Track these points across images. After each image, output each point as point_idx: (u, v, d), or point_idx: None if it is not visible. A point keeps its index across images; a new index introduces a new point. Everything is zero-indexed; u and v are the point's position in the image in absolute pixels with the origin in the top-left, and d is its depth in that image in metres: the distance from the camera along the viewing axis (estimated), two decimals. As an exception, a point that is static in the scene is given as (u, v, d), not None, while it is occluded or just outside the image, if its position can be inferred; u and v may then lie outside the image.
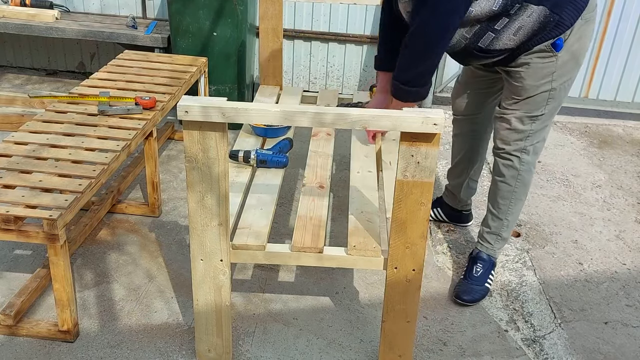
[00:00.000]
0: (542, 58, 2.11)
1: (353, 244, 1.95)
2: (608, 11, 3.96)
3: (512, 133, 2.26)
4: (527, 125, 2.24)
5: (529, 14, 2.01)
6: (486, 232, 2.49)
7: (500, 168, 2.35)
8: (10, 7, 4.01)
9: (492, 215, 2.45)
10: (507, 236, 2.49)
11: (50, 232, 1.92)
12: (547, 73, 2.13)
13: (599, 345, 2.27)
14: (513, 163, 2.32)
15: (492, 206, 2.44)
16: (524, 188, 2.38)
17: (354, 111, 1.68)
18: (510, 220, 2.44)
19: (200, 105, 1.66)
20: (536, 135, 2.27)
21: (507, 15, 2.02)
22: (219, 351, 2.06)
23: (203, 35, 3.52)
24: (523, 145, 2.28)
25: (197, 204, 1.81)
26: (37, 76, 4.48)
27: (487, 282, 2.47)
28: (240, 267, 2.57)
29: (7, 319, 2.12)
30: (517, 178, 2.34)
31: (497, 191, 2.39)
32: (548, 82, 2.15)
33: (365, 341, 2.22)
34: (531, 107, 2.20)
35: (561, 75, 2.15)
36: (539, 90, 2.17)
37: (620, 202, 3.23)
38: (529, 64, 2.13)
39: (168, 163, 3.37)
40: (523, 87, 2.18)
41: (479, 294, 2.43)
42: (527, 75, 2.15)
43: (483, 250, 2.50)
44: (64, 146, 2.32)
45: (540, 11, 2.01)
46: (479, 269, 2.47)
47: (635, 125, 4.16)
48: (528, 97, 2.19)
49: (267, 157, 2.33)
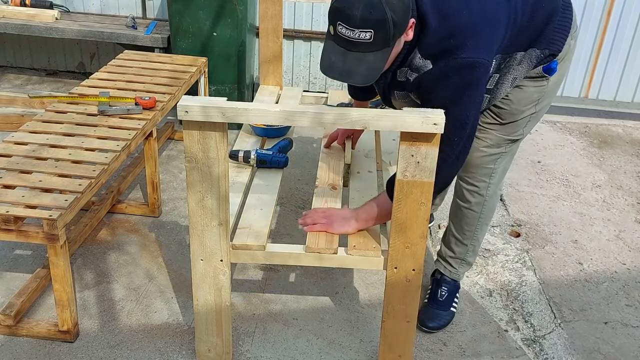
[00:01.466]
0: (534, 82, 1.97)
1: (353, 244, 1.95)
2: (608, 11, 3.96)
3: (484, 158, 2.08)
4: (502, 147, 2.07)
5: (519, 62, 1.89)
6: (449, 257, 2.33)
7: (465, 194, 2.18)
8: (10, 7, 4.02)
9: (455, 240, 2.28)
10: (472, 261, 2.34)
11: (50, 232, 1.92)
12: (537, 97, 2.00)
13: (598, 345, 2.27)
14: (479, 189, 2.15)
15: (456, 231, 2.26)
16: (490, 212, 2.22)
17: (354, 111, 1.68)
18: (475, 245, 2.28)
19: (200, 105, 1.66)
20: (507, 156, 2.12)
21: (496, 72, 1.88)
22: (219, 351, 2.06)
23: (203, 35, 3.52)
24: (492, 168, 2.10)
25: (197, 204, 1.81)
26: (37, 76, 4.48)
27: (453, 306, 2.33)
28: (240, 267, 2.57)
29: (7, 319, 2.12)
30: (483, 205, 2.17)
31: (463, 217, 2.22)
32: (533, 105, 2.02)
33: (365, 341, 2.22)
34: (510, 130, 2.04)
35: (546, 98, 2.03)
36: (523, 114, 2.02)
37: (620, 202, 3.23)
38: (521, 88, 1.98)
39: (168, 163, 3.37)
40: (509, 110, 2.01)
41: (444, 319, 2.29)
42: (516, 99, 1.99)
43: (446, 274, 2.35)
44: (64, 146, 2.32)
45: (531, 53, 1.89)
46: (443, 293, 2.32)
47: (635, 125, 4.16)
48: (512, 122, 2.03)
49: (267, 157, 2.33)
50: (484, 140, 2.06)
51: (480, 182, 2.14)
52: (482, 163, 2.10)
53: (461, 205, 2.22)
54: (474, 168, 2.12)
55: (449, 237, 2.31)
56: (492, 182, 2.14)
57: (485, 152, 2.08)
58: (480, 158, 2.09)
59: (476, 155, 2.07)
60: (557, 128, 4.07)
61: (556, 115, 4.20)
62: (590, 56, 4.10)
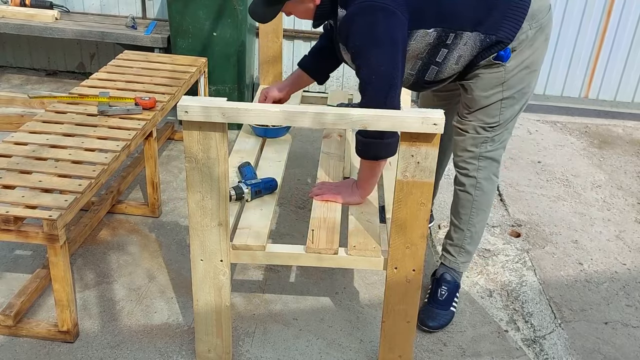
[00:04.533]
0: (490, 69, 2.09)
1: (353, 244, 1.95)
2: (608, 11, 3.96)
3: (468, 141, 2.21)
4: (483, 133, 2.19)
5: (465, 42, 2.01)
6: (449, 244, 2.39)
7: (459, 177, 2.29)
8: (10, 7, 4.01)
9: (454, 227, 2.36)
10: (471, 250, 2.37)
11: (50, 232, 1.92)
12: (496, 83, 2.11)
13: (599, 346, 2.27)
14: (469, 171, 2.25)
15: (454, 217, 2.35)
16: (485, 197, 2.28)
17: (355, 111, 1.68)
18: (472, 232, 2.33)
19: (200, 106, 1.66)
20: (493, 143, 2.21)
21: (445, 47, 2.02)
22: (218, 351, 2.05)
23: (203, 35, 3.52)
24: (479, 152, 2.21)
25: (197, 205, 1.81)
26: (36, 76, 4.48)
27: (453, 305, 2.36)
28: (240, 267, 2.57)
29: (7, 319, 2.12)
30: (476, 186, 2.26)
31: (458, 201, 2.32)
32: (499, 92, 2.12)
33: (365, 341, 2.22)
34: (484, 117, 2.17)
35: (513, 85, 2.12)
36: (490, 100, 2.14)
37: (620, 202, 3.23)
38: (479, 76, 2.11)
39: (168, 163, 3.37)
40: (473, 98, 2.15)
41: (444, 319, 2.31)
42: (475, 87, 2.13)
43: (446, 263, 2.39)
44: (63, 146, 2.32)
45: (475, 37, 2.01)
46: (443, 292, 2.35)
47: (635, 125, 4.16)
48: (480, 108, 2.16)
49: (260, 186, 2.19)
50: (465, 131, 2.21)
51: (469, 165, 2.25)
52: (465, 146, 2.23)
53: (457, 189, 2.32)
54: (460, 151, 2.25)
55: (450, 226, 2.39)
56: (482, 165, 2.24)
57: (467, 135, 2.21)
58: (463, 141, 2.23)
59: (460, 138, 2.23)
60: (557, 128, 4.07)
61: (556, 115, 4.21)
62: (590, 56, 4.10)
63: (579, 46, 4.07)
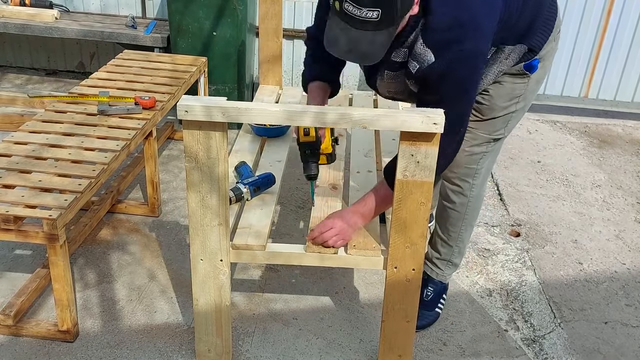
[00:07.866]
0: (514, 77, 1.97)
1: (353, 244, 1.95)
2: (608, 11, 3.96)
3: (467, 154, 2.06)
4: (484, 147, 2.07)
5: (507, 56, 1.89)
6: (436, 258, 2.31)
7: (449, 194, 2.17)
8: (10, 7, 4.01)
9: (441, 241, 2.27)
10: (458, 262, 2.33)
11: (50, 232, 1.92)
12: (517, 94, 2.00)
13: (598, 345, 2.27)
14: (463, 190, 2.14)
15: (441, 231, 2.26)
16: (474, 213, 2.21)
17: (355, 111, 1.68)
18: (461, 247, 2.28)
19: (200, 105, 1.66)
20: (490, 156, 2.12)
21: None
22: (218, 351, 2.05)
23: (203, 35, 3.52)
24: (475, 168, 2.10)
25: (197, 204, 1.81)
26: (37, 76, 4.48)
27: (438, 306, 2.33)
28: (240, 267, 2.57)
29: (7, 319, 2.12)
30: (467, 205, 2.17)
31: (447, 218, 2.22)
32: (514, 103, 2.01)
33: (365, 341, 2.22)
34: (491, 127, 2.04)
35: (527, 97, 2.03)
36: (503, 111, 2.01)
37: (619, 202, 3.23)
38: (501, 83, 1.97)
39: (168, 163, 3.37)
40: (489, 106, 2.00)
41: (428, 319, 2.29)
42: (496, 94, 1.99)
43: (433, 276, 2.33)
44: (63, 146, 2.32)
45: (520, 49, 1.90)
46: (429, 293, 2.31)
47: (635, 125, 4.16)
48: (492, 118, 2.02)
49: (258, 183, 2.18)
50: (467, 140, 2.03)
51: (463, 183, 2.14)
52: (465, 163, 2.09)
53: (446, 206, 2.21)
54: (458, 168, 2.10)
55: (435, 238, 2.31)
56: (476, 183, 2.15)
57: (469, 151, 2.07)
58: (464, 158, 2.07)
59: (460, 155, 2.02)
60: (557, 128, 4.07)
61: (556, 115, 4.21)
62: (590, 56, 4.10)
63: (579, 46, 4.07)
